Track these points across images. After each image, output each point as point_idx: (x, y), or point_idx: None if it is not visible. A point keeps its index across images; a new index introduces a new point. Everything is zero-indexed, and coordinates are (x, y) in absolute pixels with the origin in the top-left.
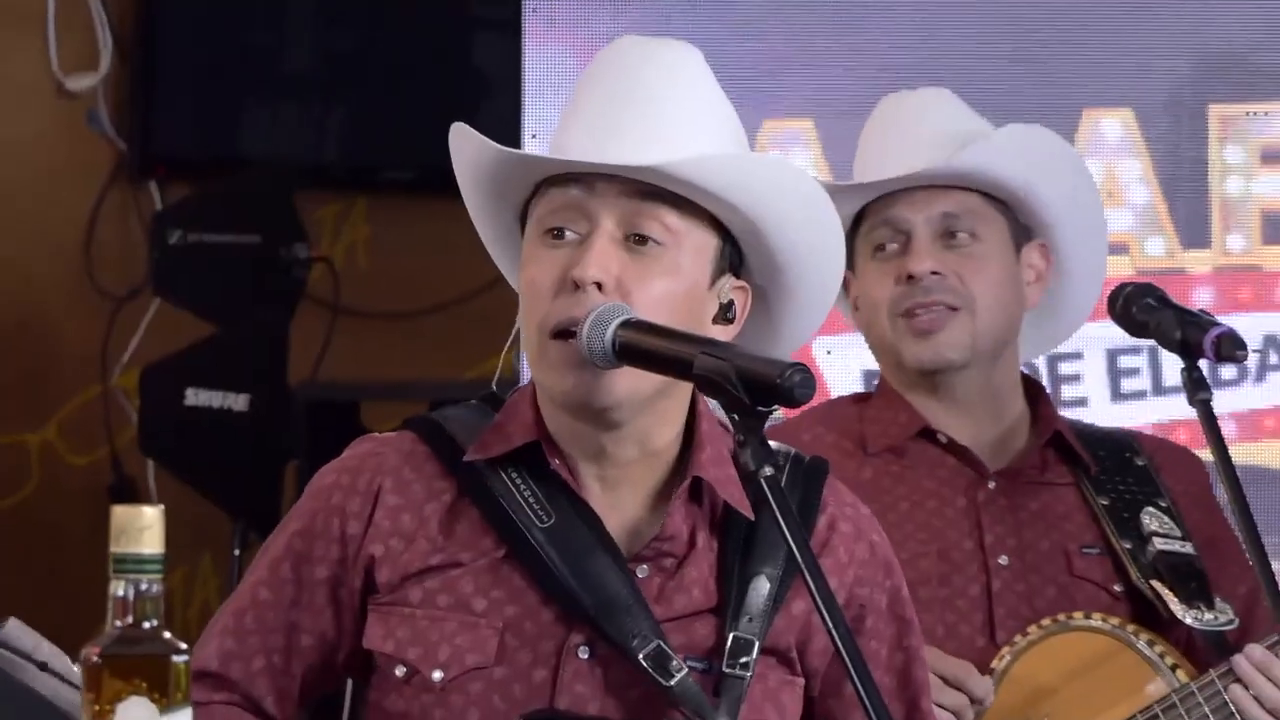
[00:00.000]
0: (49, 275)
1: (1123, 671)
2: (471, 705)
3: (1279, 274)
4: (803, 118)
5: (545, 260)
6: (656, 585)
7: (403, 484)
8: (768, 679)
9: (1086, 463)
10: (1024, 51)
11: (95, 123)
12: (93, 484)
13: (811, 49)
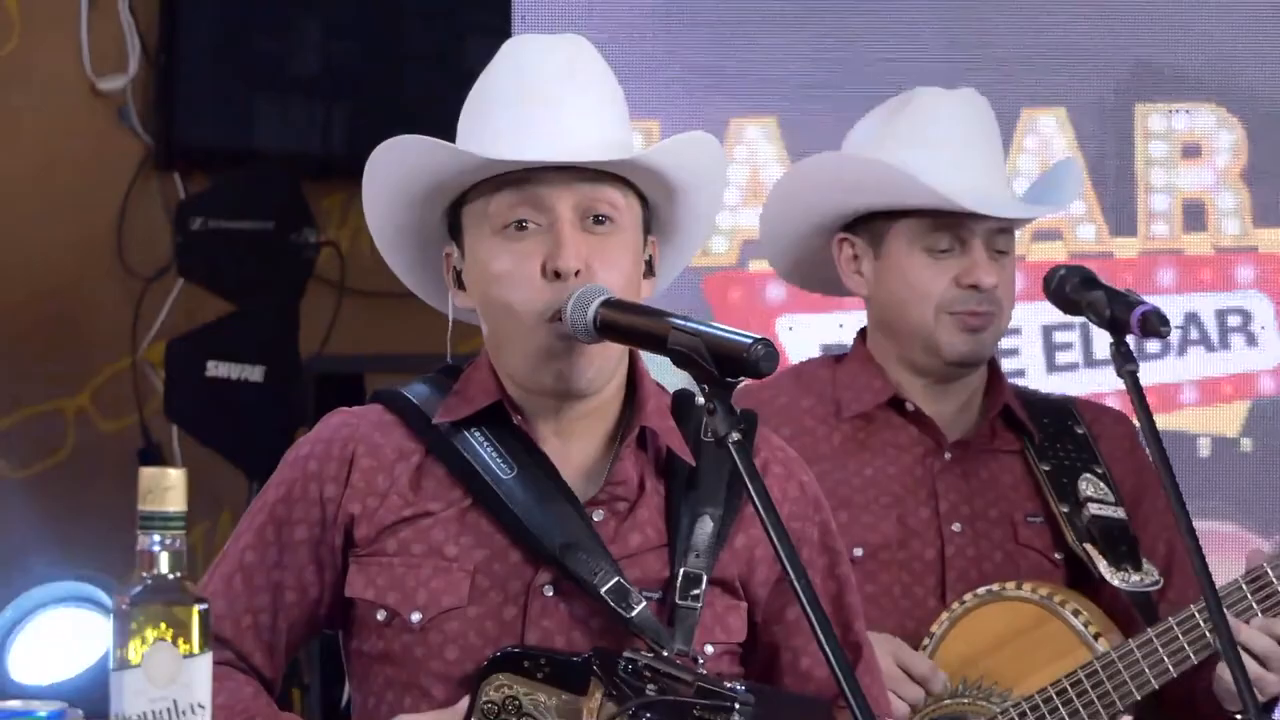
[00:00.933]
0: (83, 257)
1: (1050, 638)
2: (449, 643)
3: (1198, 258)
4: (766, 115)
5: (513, 252)
6: (611, 527)
7: (374, 448)
8: (715, 606)
9: (1031, 431)
10: (968, 54)
11: (125, 120)
12: (122, 448)
13: (773, 53)
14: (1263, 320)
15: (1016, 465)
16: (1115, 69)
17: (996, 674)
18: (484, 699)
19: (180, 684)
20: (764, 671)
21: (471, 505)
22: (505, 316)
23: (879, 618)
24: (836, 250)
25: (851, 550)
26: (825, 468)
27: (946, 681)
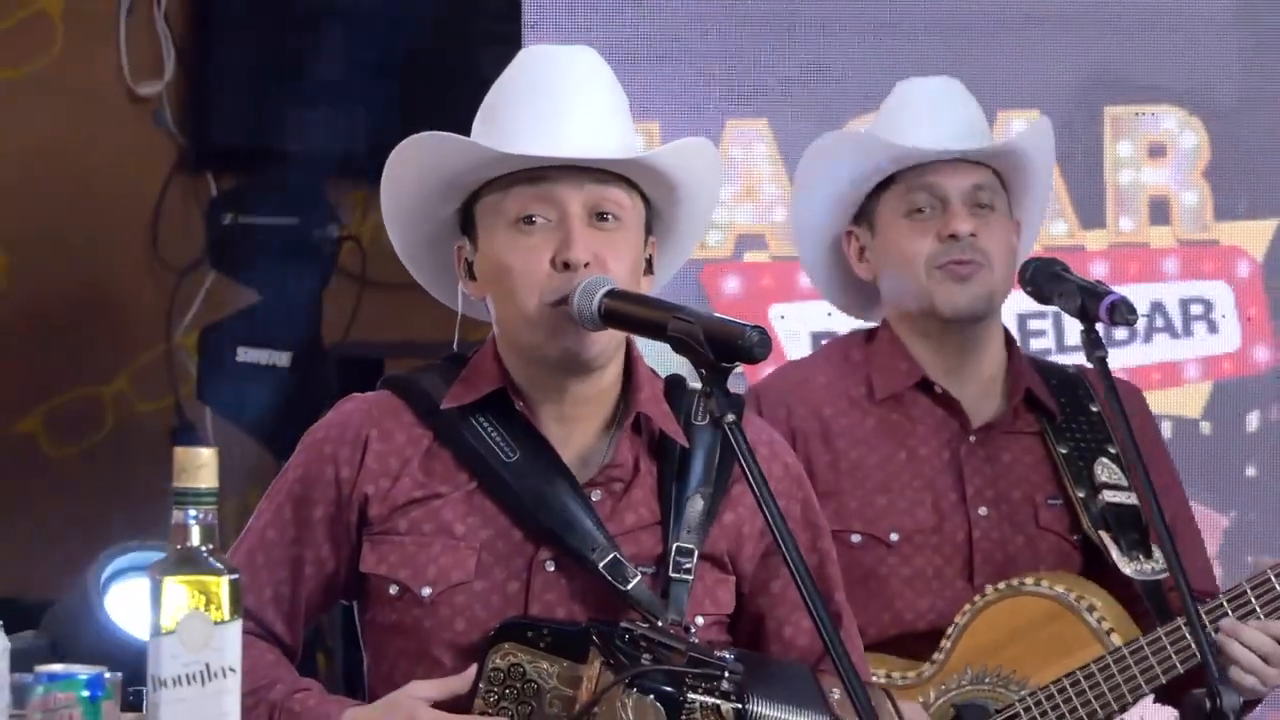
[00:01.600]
0: (122, 251)
1: (1066, 632)
2: (457, 615)
3: (1163, 250)
4: (759, 118)
5: (524, 246)
6: (608, 506)
7: (386, 433)
8: (706, 580)
9: (1053, 413)
10: (948, 58)
11: (160, 122)
12: (158, 428)
13: (764, 59)
14: (1223, 309)
15: (1037, 447)
16: (1086, 74)
17: (1015, 664)
18: (490, 666)
19: (212, 649)
20: (750, 640)
21: (477, 487)
22: (515, 304)
23: (913, 598)
24: (846, 246)
25: (888, 535)
26: (863, 451)
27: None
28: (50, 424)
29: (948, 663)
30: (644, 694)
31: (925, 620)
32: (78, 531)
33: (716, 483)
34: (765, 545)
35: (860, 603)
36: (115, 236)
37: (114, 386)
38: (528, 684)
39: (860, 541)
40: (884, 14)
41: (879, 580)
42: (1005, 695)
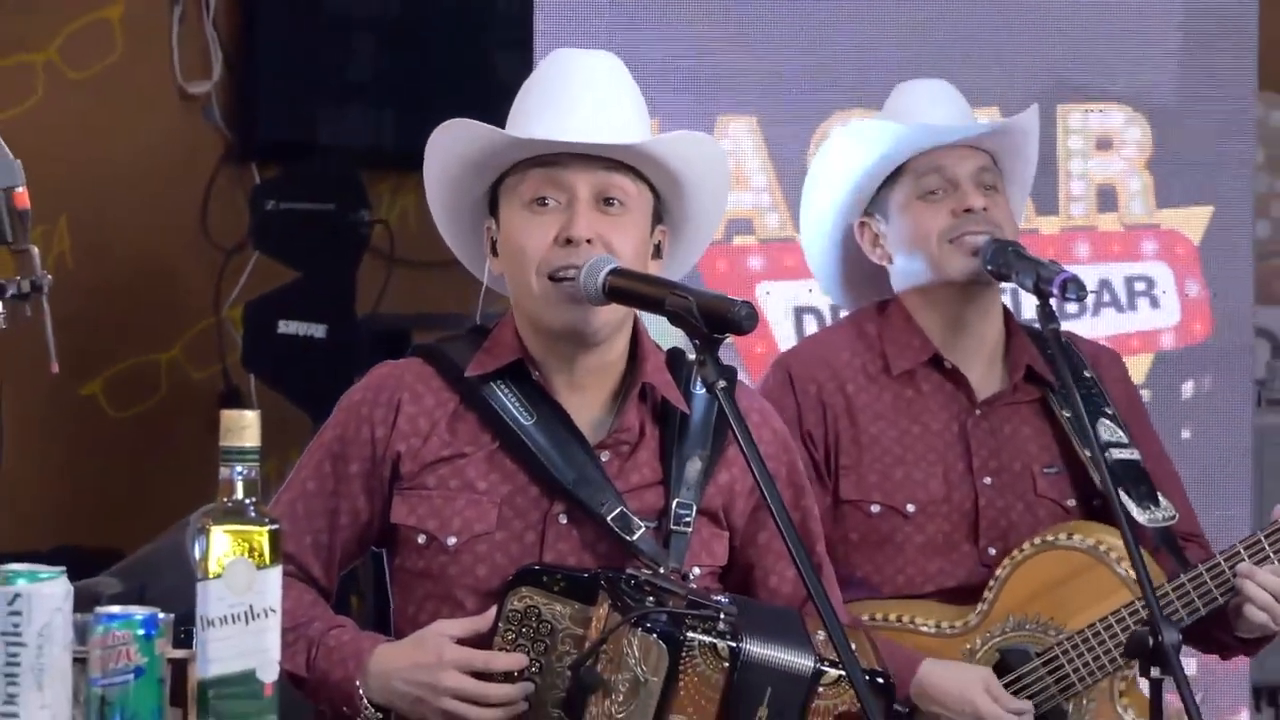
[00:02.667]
0: (175, 234)
1: (1097, 581)
2: (479, 562)
3: (1110, 234)
4: (748, 114)
5: (535, 224)
6: (616, 466)
7: (416, 396)
8: (702, 533)
9: (1051, 383)
10: (918, 60)
11: (209, 118)
12: (207, 393)
13: (752, 59)
14: (1164, 286)
15: (1037, 417)
16: (1041, 74)
17: (1051, 612)
18: (509, 608)
19: (255, 592)
20: (739, 588)
21: (498, 447)
22: (524, 278)
23: (924, 562)
24: (860, 236)
25: (905, 506)
26: (882, 426)
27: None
28: (110, 388)
29: (991, 613)
30: (648, 633)
31: (934, 581)
32: (134, 486)
33: (713, 446)
34: (754, 502)
35: (877, 566)
36: (169, 220)
37: (168, 355)
38: (542, 624)
39: (879, 512)
40: (859, 21)
41: (895, 546)
42: (1044, 640)
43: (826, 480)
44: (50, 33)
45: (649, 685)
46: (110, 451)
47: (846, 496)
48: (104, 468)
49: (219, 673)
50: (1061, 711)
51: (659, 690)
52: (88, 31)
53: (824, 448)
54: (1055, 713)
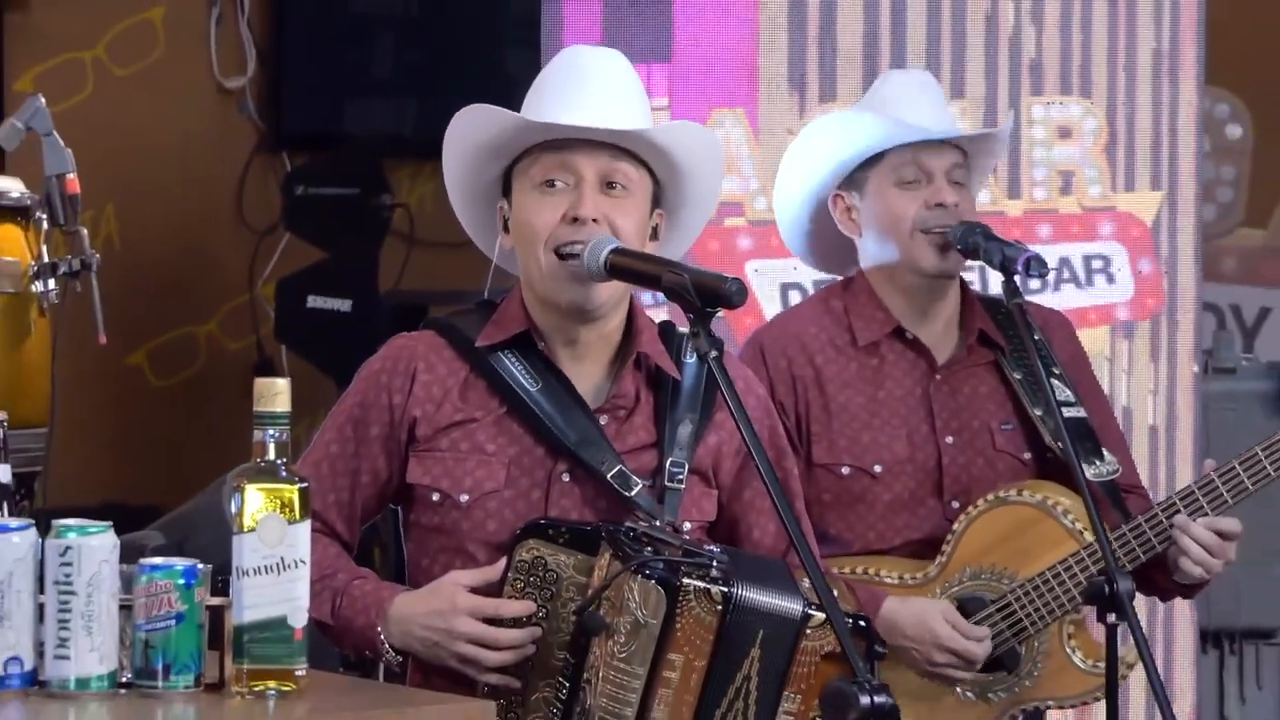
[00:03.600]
0: (214, 217)
1: (1046, 533)
2: (489, 518)
3: (1069, 216)
4: (738, 106)
5: (545, 203)
6: (614, 429)
7: (430, 366)
8: (693, 491)
9: (1003, 346)
10: (890, 56)
11: (244, 111)
12: (242, 363)
13: (743, 60)
14: (1119, 264)
15: (991, 377)
16: (1009, 70)
17: (1005, 562)
18: (517, 559)
19: (286, 545)
20: (725, 541)
21: (506, 412)
22: (533, 255)
23: (892, 518)
24: (833, 207)
25: (873, 467)
26: (849, 394)
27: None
28: (154, 358)
29: (949, 564)
30: (647, 579)
31: (902, 535)
32: (175, 448)
33: (702, 410)
34: (740, 461)
35: (849, 523)
36: (207, 205)
37: (206, 328)
38: (548, 573)
39: (849, 473)
40: (840, 23)
41: (865, 505)
42: (999, 588)
43: (799, 446)
44: (98, 32)
45: (649, 627)
46: (153, 417)
47: (818, 461)
48: (147, 431)
49: (253, 618)
50: (1015, 654)
51: (658, 631)
52: (133, 31)
53: (795, 416)
54: (1010, 655)
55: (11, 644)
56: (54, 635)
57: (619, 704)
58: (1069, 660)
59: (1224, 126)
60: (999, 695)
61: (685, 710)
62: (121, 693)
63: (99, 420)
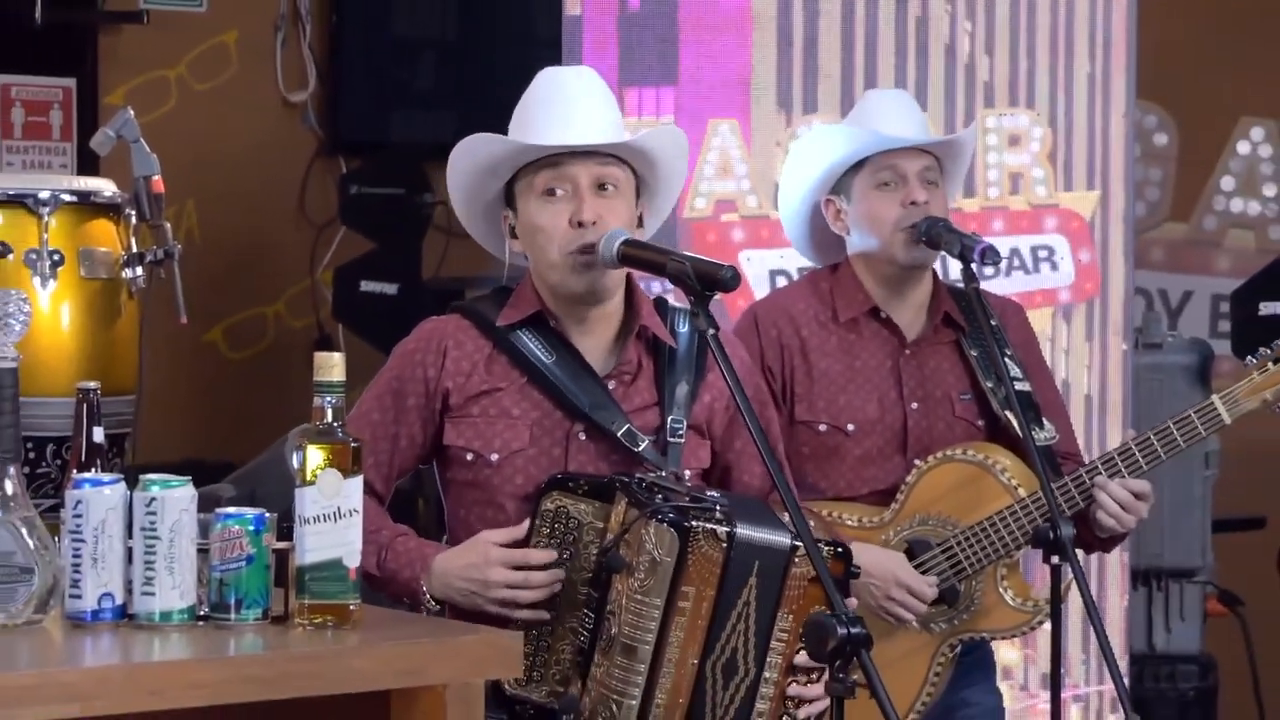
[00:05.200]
0: (279, 213)
1: (985, 488)
2: (516, 473)
3: (1019, 212)
4: (732, 117)
5: (549, 211)
6: (620, 392)
7: (459, 344)
8: (691, 444)
9: (964, 327)
10: (864, 74)
11: (305, 121)
12: (305, 338)
13: (738, 76)
14: (1061, 254)
15: (953, 354)
16: (968, 86)
17: (949, 511)
18: (542, 509)
19: (342, 496)
20: (717, 484)
21: (527, 381)
22: (546, 254)
23: (862, 469)
24: (825, 210)
25: (846, 425)
26: (829, 362)
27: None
28: (228, 335)
29: (901, 511)
30: (660, 522)
31: (869, 485)
32: (246, 412)
33: (696, 373)
34: (729, 416)
35: (824, 473)
36: (274, 202)
37: (274, 308)
38: (570, 520)
39: (825, 430)
40: (819, 44)
41: (839, 457)
42: (943, 533)
43: (782, 405)
44: (180, 54)
45: (664, 564)
46: (227, 385)
47: (800, 418)
48: (222, 397)
49: (313, 560)
50: (955, 590)
51: (672, 568)
52: (210, 53)
53: (781, 379)
54: (950, 591)
55: (105, 582)
56: (141, 575)
57: (641, 630)
58: (1001, 598)
59: (1152, 135)
60: (939, 626)
61: (698, 633)
62: (199, 624)
63: (180, 388)
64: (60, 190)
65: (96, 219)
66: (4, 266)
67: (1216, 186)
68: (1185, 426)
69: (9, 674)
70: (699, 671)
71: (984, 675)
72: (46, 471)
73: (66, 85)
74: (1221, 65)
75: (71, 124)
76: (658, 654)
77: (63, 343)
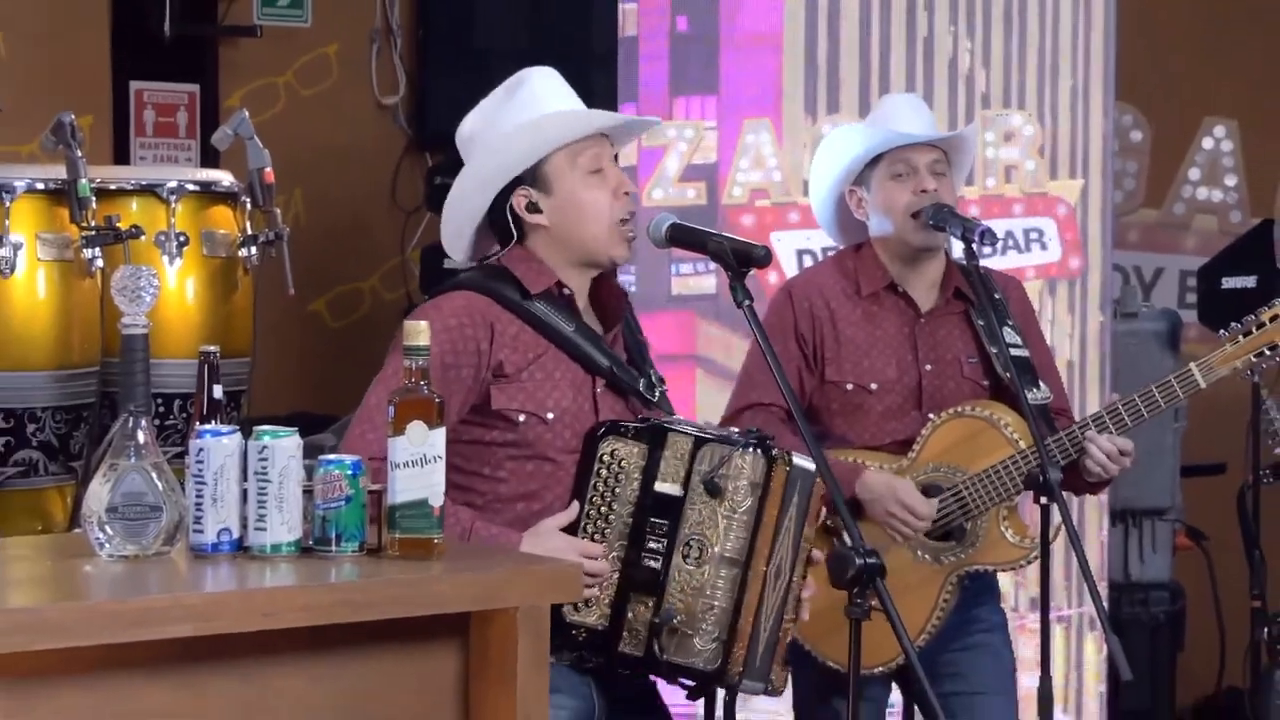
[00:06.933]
0: (373, 200)
1: (990, 440)
2: (565, 428)
3: (1012, 199)
4: (764, 116)
5: (598, 185)
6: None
7: (499, 317)
8: None
9: (972, 300)
10: (880, 78)
11: (396, 122)
12: (396, 309)
13: (768, 79)
14: (1050, 235)
15: (962, 323)
16: (969, 89)
17: (958, 460)
18: (600, 453)
19: (428, 445)
20: None
21: (555, 348)
22: (594, 221)
23: (883, 423)
24: (849, 198)
25: (869, 384)
26: (854, 331)
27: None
28: (331, 306)
29: (917, 459)
30: (750, 450)
31: (891, 435)
32: (345, 371)
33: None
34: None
35: (850, 426)
36: (369, 191)
37: (369, 283)
38: (620, 461)
39: (852, 389)
40: (841, 52)
41: (864, 412)
42: (953, 479)
43: (814, 367)
44: (289, 63)
45: (758, 486)
46: (329, 349)
47: (829, 378)
48: (325, 360)
49: (403, 500)
50: (963, 529)
51: (762, 488)
52: (314, 62)
53: (812, 345)
54: (957, 529)
55: (223, 519)
56: (254, 513)
57: (740, 543)
58: (1002, 536)
59: (1129, 132)
60: (947, 559)
61: (767, 543)
62: (304, 555)
63: (289, 351)
64: (185, 181)
65: (216, 205)
66: (137, 246)
67: (1185, 177)
68: (1165, 390)
69: (142, 598)
70: (764, 577)
71: (990, 597)
72: (174, 423)
73: (191, 90)
74: (1189, 71)
75: (195, 124)
76: (748, 564)
77: (187, 312)
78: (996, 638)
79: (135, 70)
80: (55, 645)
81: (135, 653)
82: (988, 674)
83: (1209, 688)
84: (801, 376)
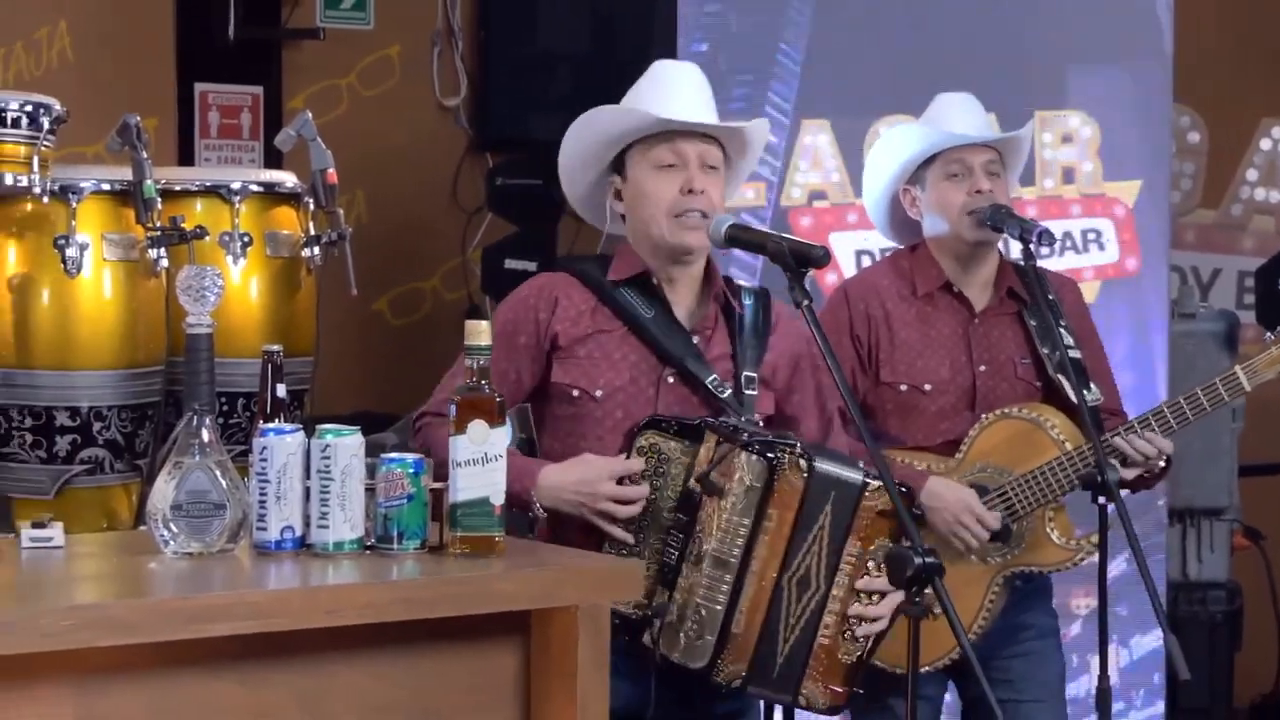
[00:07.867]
0: (435, 200)
1: (1037, 441)
2: (617, 408)
3: (1070, 199)
4: (823, 118)
5: (664, 180)
6: (702, 345)
7: (568, 294)
8: (760, 394)
9: (1025, 301)
10: (940, 77)
11: (458, 123)
12: (457, 309)
13: (826, 81)
14: (1108, 236)
15: (1015, 323)
16: (1024, 90)
17: (1004, 461)
18: (638, 444)
19: (489, 444)
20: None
21: (627, 331)
22: (654, 214)
23: (937, 423)
24: (903, 198)
25: (924, 385)
26: (909, 332)
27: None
28: (393, 305)
29: (965, 460)
30: (752, 453)
31: (943, 436)
32: (407, 370)
33: (762, 336)
34: (788, 374)
35: (904, 426)
36: (431, 191)
37: (431, 283)
38: (661, 456)
39: (906, 390)
40: (899, 52)
41: (918, 413)
42: (999, 480)
43: (868, 367)
44: (351, 65)
45: (754, 489)
46: (391, 348)
47: (884, 379)
48: (387, 358)
49: (464, 499)
50: (1008, 529)
51: (760, 492)
52: (376, 64)
53: (868, 346)
54: (1004, 530)
55: (286, 516)
56: (317, 510)
57: (731, 545)
58: (1048, 537)
59: (1186, 134)
60: (994, 559)
61: (778, 550)
62: (366, 553)
63: (352, 351)
64: (249, 181)
65: (280, 206)
66: (201, 246)
67: (1242, 178)
68: (1211, 392)
69: (205, 595)
70: (776, 584)
71: (1041, 600)
72: (238, 422)
73: (255, 92)
74: (1246, 73)
75: (259, 125)
76: (743, 566)
77: (251, 311)
78: (1048, 643)
79: (200, 73)
80: (120, 641)
81: (198, 649)
82: (1037, 682)
83: (1267, 686)
84: (856, 377)
